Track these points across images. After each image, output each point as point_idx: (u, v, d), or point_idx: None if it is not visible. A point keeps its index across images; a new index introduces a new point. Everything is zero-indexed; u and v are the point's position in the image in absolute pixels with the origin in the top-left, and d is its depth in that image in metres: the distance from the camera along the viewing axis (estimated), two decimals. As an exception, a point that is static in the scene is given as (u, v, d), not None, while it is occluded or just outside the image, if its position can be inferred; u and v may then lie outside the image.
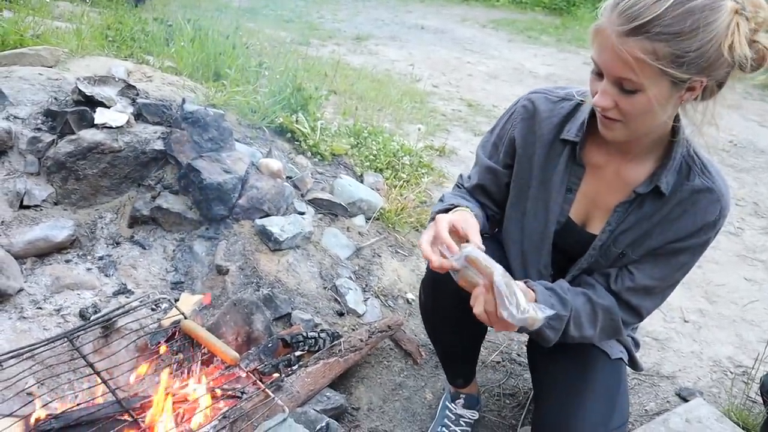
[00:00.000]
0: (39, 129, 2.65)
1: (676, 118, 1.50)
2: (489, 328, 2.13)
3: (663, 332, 3.06)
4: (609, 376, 1.79)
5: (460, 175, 2.00)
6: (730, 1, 1.27)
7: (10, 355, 1.85)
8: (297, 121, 3.62)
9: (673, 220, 1.59)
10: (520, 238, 1.80)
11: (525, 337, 2.80)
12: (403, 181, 3.72)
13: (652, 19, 1.25)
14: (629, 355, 1.93)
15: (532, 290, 1.54)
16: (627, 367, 1.93)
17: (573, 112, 1.67)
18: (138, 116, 2.85)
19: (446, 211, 1.70)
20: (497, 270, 1.37)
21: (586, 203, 1.71)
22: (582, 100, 1.66)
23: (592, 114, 1.58)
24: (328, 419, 1.97)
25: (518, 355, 2.74)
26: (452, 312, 1.92)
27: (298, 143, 3.57)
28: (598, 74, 1.41)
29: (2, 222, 2.37)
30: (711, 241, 1.63)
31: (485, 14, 13.51)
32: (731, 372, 2.84)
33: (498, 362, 2.68)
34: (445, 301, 1.91)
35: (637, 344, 2.00)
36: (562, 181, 1.69)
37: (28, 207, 2.50)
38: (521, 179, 1.77)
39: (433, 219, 1.76)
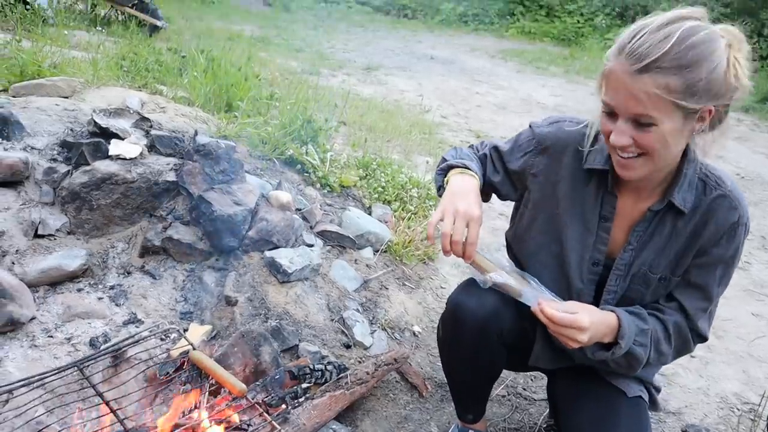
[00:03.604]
0: (55, 159, 2.71)
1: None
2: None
3: (669, 367, 3.06)
4: (631, 416, 1.82)
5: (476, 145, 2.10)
6: (722, 38, 1.40)
7: (21, 383, 1.87)
8: (307, 152, 3.66)
9: (699, 233, 1.65)
10: (556, 267, 1.83)
11: (532, 372, 2.81)
12: (411, 214, 3.75)
13: (661, 55, 1.35)
14: (649, 394, 1.94)
15: (613, 312, 1.66)
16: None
17: (593, 140, 1.73)
18: (151, 148, 2.90)
19: (450, 168, 1.86)
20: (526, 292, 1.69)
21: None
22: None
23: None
24: (333, 452, 1.99)
25: (524, 389, 2.75)
26: (472, 352, 1.96)
27: (308, 175, 3.61)
28: (611, 115, 1.50)
29: (17, 251, 2.41)
30: (740, 251, 1.69)
31: (494, 45, 13.66)
32: (738, 409, 2.84)
33: (503, 396, 2.68)
34: (464, 338, 1.94)
35: (658, 389, 2.02)
36: (594, 210, 1.75)
37: (42, 236, 2.54)
38: (547, 207, 1.83)
39: (442, 171, 1.91)
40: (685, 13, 1.42)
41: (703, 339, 1.77)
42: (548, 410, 2.56)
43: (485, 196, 2.01)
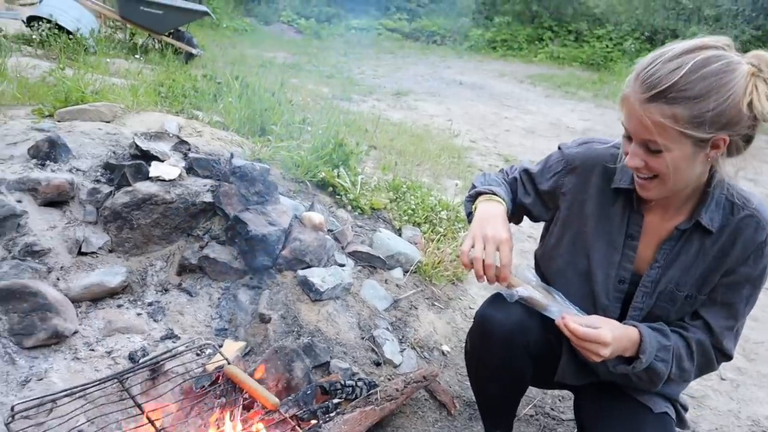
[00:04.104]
0: (98, 181, 2.83)
1: (711, 169, 1.60)
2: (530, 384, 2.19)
3: (699, 390, 3.05)
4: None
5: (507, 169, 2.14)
6: (746, 64, 1.41)
7: (64, 393, 1.96)
8: (338, 175, 3.75)
9: (726, 253, 1.67)
10: (582, 283, 1.87)
11: (558, 391, 2.83)
12: (440, 236, 3.80)
13: (669, 86, 1.40)
14: (676, 411, 1.96)
15: (635, 327, 1.69)
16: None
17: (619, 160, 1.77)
18: (189, 170, 3.01)
19: (479, 194, 1.92)
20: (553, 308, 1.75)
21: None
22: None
23: None
24: (363, 466, 2.03)
25: (552, 409, 2.76)
26: (499, 364, 1.99)
27: (339, 197, 3.69)
28: (628, 138, 1.55)
29: (62, 267, 2.51)
30: (767, 271, 1.70)
31: (523, 70, 13.72)
32: (770, 432, 2.82)
33: (531, 416, 2.70)
34: (492, 349, 1.98)
35: (685, 407, 2.02)
36: (620, 229, 1.79)
37: (85, 254, 2.64)
38: (575, 225, 1.88)
39: (470, 198, 1.97)
40: (707, 41, 1.45)
41: (728, 358, 1.79)
42: (576, 430, 2.58)
43: (516, 219, 2.07)
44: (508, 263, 1.72)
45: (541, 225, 2.12)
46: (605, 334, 1.59)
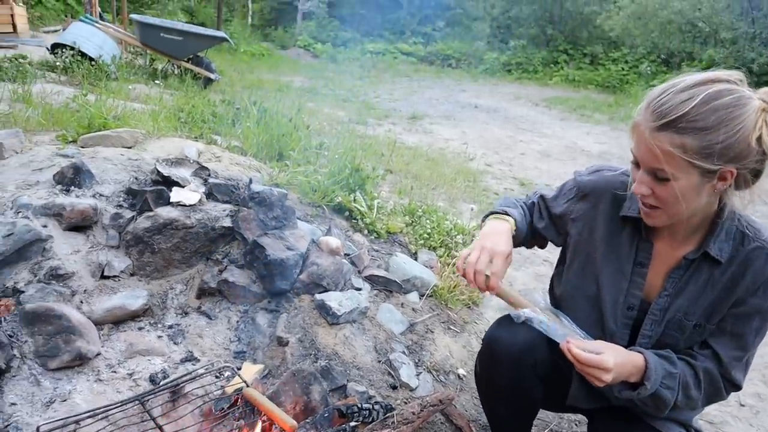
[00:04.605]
0: (120, 206, 2.89)
1: (721, 200, 1.62)
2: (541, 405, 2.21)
3: (718, 416, 3.04)
4: None
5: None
6: (757, 100, 1.44)
7: (87, 414, 2.00)
8: (355, 200, 3.79)
9: (736, 283, 1.68)
10: (592, 308, 1.89)
11: (574, 415, 2.83)
12: (456, 260, 3.82)
13: (680, 116, 1.43)
14: None
15: (640, 354, 1.70)
16: None
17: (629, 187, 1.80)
18: (209, 195, 3.07)
19: (492, 214, 2.00)
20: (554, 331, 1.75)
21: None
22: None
23: None
24: (380, 489, 2.04)
25: (568, 434, 2.77)
26: (508, 384, 2.02)
27: (356, 221, 3.73)
28: (637, 164, 1.59)
29: (85, 290, 2.57)
30: None
31: (538, 93, 13.77)
32: (789, 460, 2.80)
33: (548, 440, 2.71)
34: (500, 370, 2.01)
35: None
36: (629, 256, 1.81)
37: (108, 277, 2.69)
38: (585, 250, 1.90)
39: (485, 218, 2.04)
40: (720, 75, 1.47)
41: (737, 388, 1.78)
42: (592, 455, 2.58)
43: (539, 243, 2.12)
44: (497, 273, 1.76)
45: (559, 250, 2.15)
46: (607, 360, 1.61)
